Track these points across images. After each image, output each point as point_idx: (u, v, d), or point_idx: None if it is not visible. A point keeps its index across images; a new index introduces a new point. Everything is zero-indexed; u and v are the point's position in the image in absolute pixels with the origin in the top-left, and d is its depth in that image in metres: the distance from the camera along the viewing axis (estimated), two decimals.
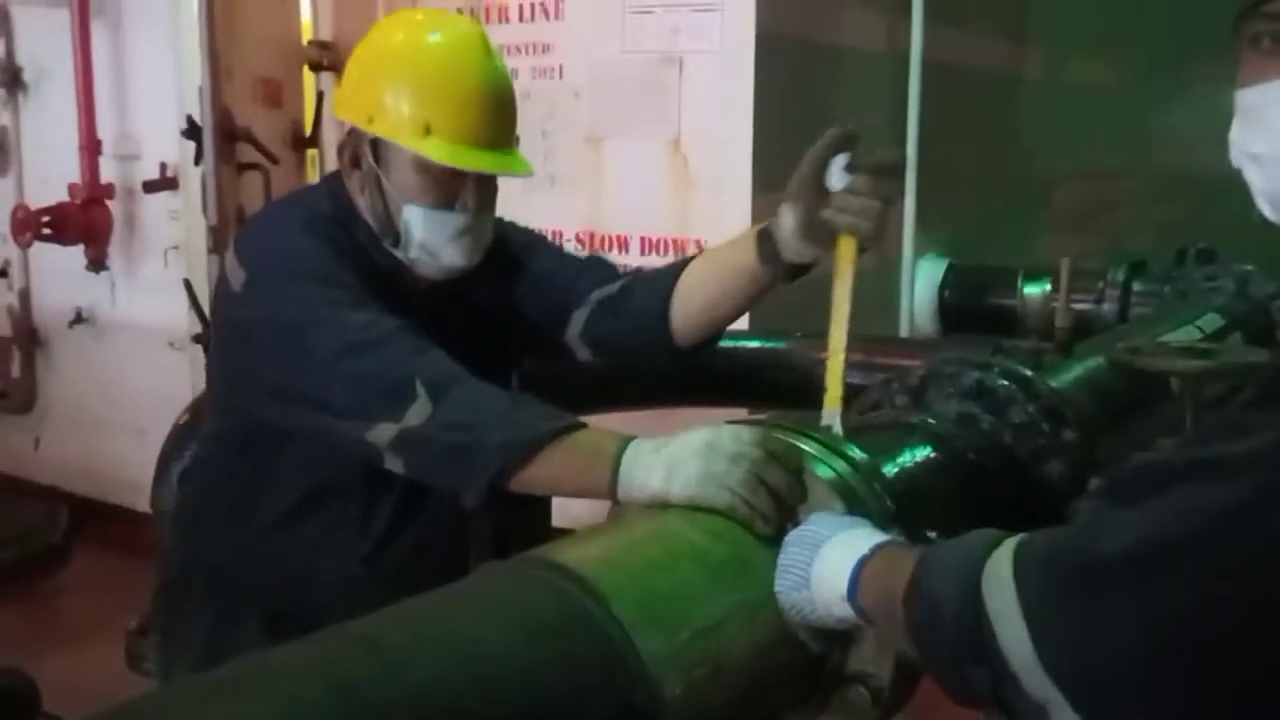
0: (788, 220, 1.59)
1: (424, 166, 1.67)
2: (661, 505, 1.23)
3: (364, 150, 1.70)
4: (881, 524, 1.24)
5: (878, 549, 1.11)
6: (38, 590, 4.46)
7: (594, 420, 1.63)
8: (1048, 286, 3.73)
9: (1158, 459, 0.96)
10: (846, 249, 1.52)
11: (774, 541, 1.18)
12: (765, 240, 1.65)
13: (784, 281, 1.68)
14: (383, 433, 1.48)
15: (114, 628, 3.12)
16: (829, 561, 1.11)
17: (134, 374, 4.73)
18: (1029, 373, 1.72)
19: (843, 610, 1.09)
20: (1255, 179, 1.04)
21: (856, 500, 1.26)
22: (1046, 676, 0.89)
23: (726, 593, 1.09)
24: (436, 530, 1.71)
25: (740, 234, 1.75)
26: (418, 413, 1.46)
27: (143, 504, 4.63)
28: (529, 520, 1.75)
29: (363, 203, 1.74)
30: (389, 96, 1.66)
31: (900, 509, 1.31)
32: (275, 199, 2.08)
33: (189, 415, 2.24)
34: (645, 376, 2.82)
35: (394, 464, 1.50)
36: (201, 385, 4.47)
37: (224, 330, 1.76)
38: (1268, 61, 1.01)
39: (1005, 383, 1.70)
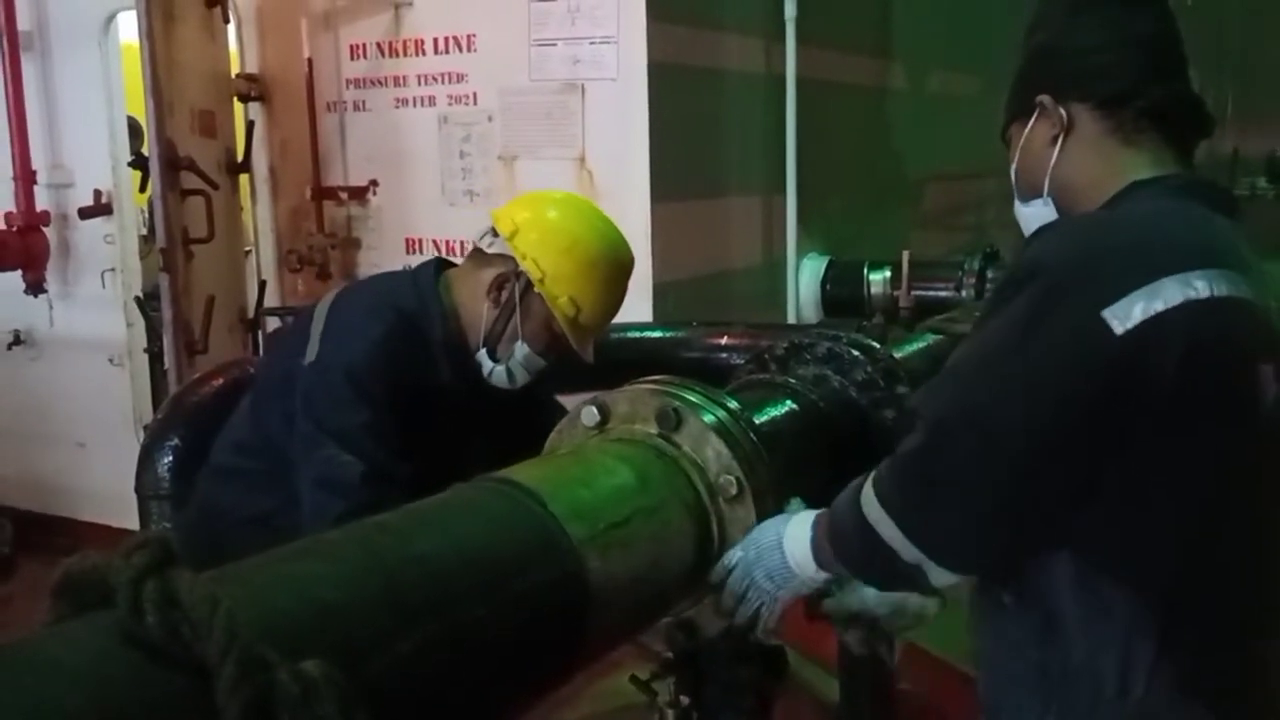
0: None
1: (554, 331, 2.06)
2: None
3: (514, 286, 2.05)
4: (750, 456, 1.64)
5: (814, 524, 1.51)
6: None
7: None
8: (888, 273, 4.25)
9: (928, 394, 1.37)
10: None
11: (672, 465, 1.58)
12: None
13: None
14: None
15: None
16: (795, 552, 1.50)
17: (73, 391, 4.90)
18: (870, 342, 2.14)
19: (816, 577, 1.51)
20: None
21: (731, 439, 1.64)
22: (913, 546, 1.31)
23: (631, 500, 1.47)
24: None
25: None
26: None
27: (85, 513, 4.88)
28: None
29: (474, 312, 2.06)
30: (567, 275, 2.03)
31: (766, 445, 1.71)
32: (370, 287, 2.26)
33: (167, 410, 2.54)
34: (572, 369, 3.18)
35: None
36: (143, 396, 4.74)
37: (279, 374, 2.06)
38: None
39: (852, 350, 2.12)
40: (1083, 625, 1.30)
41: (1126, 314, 1.20)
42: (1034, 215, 1.52)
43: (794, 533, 1.52)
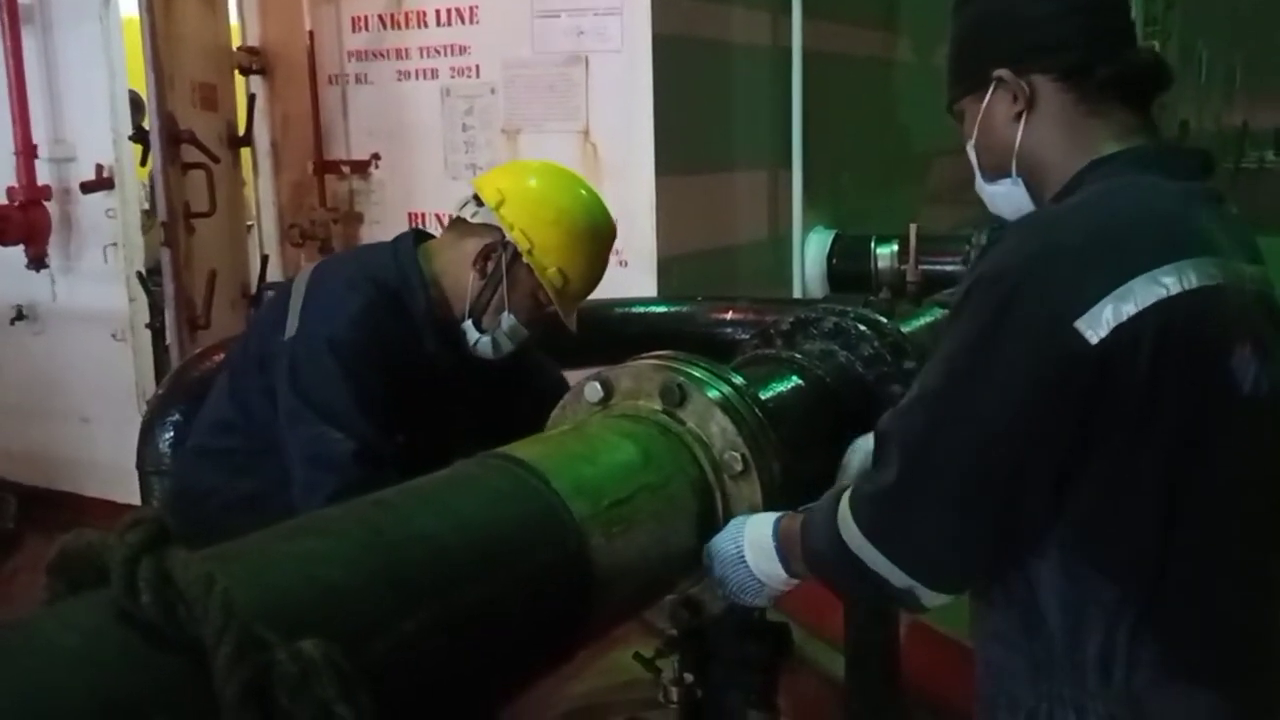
0: None
1: (540, 301, 2.05)
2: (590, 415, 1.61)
3: (501, 256, 2.03)
4: (755, 432, 1.62)
5: (775, 532, 1.49)
6: None
7: None
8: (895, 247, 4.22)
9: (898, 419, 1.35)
10: None
11: (676, 441, 1.56)
12: None
13: None
14: None
15: None
16: (760, 563, 1.49)
17: (76, 366, 4.87)
18: (877, 317, 2.12)
19: (789, 582, 1.50)
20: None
21: (736, 414, 1.62)
22: (902, 572, 1.30)
23: (635, 476, 1.46)
24: None
25: None
26: None
27: (89, 489, 4.88)
28: None
29: (458, 282, 2.04)
30: (555, 246, 2.02)
31: (771, 421, 1.69)
32: (348, 259, 2.31)
33: (168, 385, 2.53)
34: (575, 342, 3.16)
35: None
36: (145, 371, 4.74)
37: (257, 350, 2.05)
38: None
39: (858, 325, 2.09)
40: (1066, 615, 1.29)
41: (1098, 321, 1.18)
42: (1001, 194, 1.48)
43: (755, 543, 1.50)
